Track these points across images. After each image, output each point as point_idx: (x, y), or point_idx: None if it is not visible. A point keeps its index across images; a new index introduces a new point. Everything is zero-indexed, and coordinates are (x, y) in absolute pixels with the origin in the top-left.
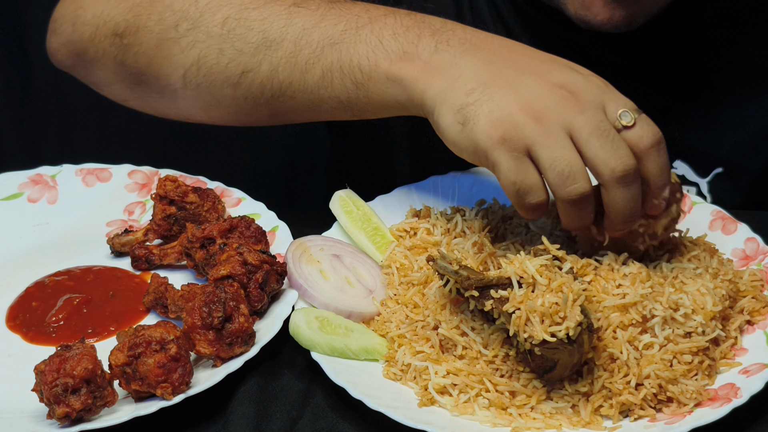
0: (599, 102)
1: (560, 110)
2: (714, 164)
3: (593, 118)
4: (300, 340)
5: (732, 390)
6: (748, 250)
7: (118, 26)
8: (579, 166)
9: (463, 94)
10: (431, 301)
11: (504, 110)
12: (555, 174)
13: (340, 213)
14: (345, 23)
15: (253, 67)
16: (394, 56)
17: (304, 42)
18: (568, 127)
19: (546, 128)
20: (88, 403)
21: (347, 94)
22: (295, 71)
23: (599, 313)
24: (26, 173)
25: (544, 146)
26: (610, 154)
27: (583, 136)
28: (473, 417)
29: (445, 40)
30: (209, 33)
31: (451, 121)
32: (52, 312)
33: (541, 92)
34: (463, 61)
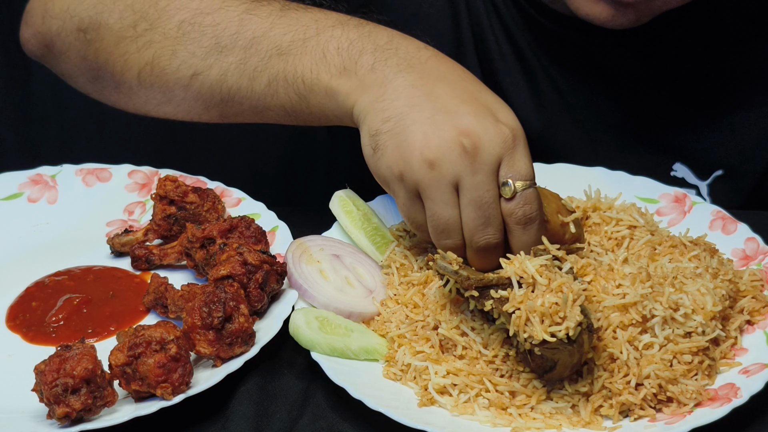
0: (496, 161)
1: (454, 165)
2: (714, 167)
3: (479, 186)
4: (300, 340)
5: (732, 390)
6: (748, 250)
7: (83, 22)
8: (453, 224)
9: (380, 120)
10: (431, 301)
11: (408, 148)
12: (432, 226)
13: (340, 213)
14: (293, 33)
15: (203, 71)
16: (334, 71)
17: (253, 50)
18: (455, 181)
19: (436, 178)
20: (88, 403)
21: (291, 103)
22: (243, 78)
23: (599, 313)
24: (26, 173)
25: (428, 197)
26: (479, 228)
27: (464, 199)
28: (473, 417)
29: (384, 59)
30: (165, 35)
31: (367, 143)
32: (52, 312)
33: (444, 138)
34: (391, 84)
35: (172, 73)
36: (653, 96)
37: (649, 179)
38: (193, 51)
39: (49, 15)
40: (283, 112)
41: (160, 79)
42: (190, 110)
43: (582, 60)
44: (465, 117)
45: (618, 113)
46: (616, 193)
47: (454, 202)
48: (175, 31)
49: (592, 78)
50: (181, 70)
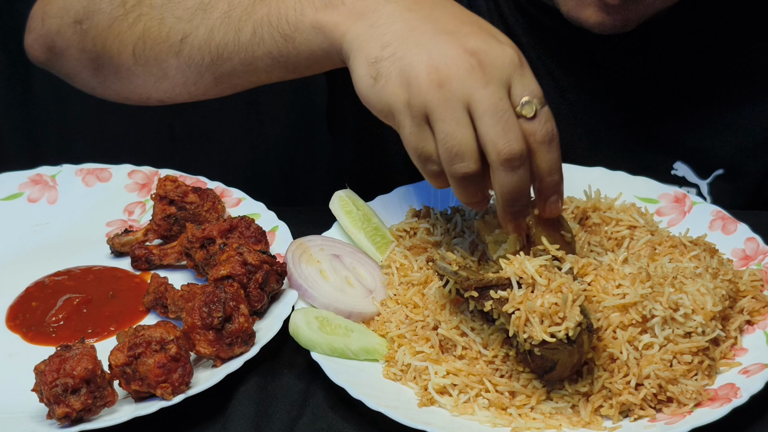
0: (506, 78)
1: (464, 80)
2: (715, 166)
3: (493, 95)
4: (300, 340)
5: (732, 390)
6: (748, 250)
7: (78, 13)
8: (469, 145)
9: (378, 46)
10: (431, 301)
11: (413, 71)
12: (444, 149)
13: (340, 213)
14: None
15: (191, 31)
16: (319, 4)
17: (236, 1)
18: (467, 99)
19: (446, 97)
20: (88, 403)
21: (277, 48)
22: (230, 31)
23: (599, 313)
24: (26, 173)
25: (439, 118)
26: (499, 135)
27: (478, 112)
28: (473, 417)
29: None
30: (152, 5)
31: (364, 72)
32: (52, 312)
33: (450, 56)
34: (386, 9)
35: (163, 41)
36: (654, 95)
37: (649, 179)
38: (179, 15)
39: (48, 16)
40: (270, 59)
41: (153, 50)
42: (186, 81)
43: (583, 59)
44: (468, 36)
45: (619, 112)
46: (616, 193)
47: (467, 122)
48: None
49: (593, 77)
50: (170, 36)
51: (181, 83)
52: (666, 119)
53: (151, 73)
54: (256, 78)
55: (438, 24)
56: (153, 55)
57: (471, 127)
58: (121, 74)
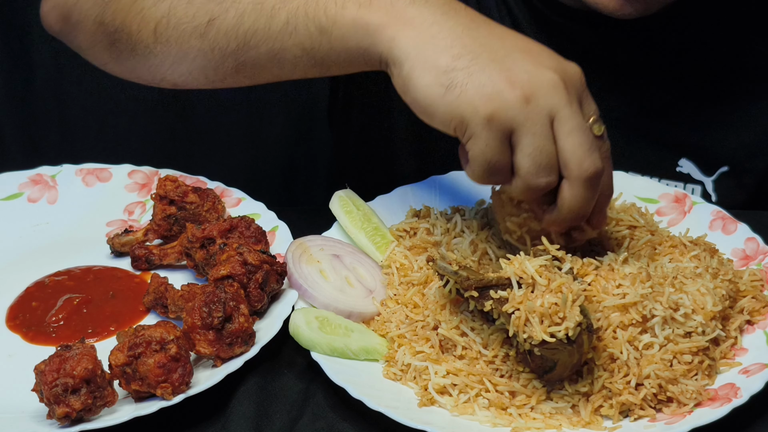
0: (580, 96)
1: (550, 96)
2: (719, 163)
3: (578, 114)
4: (300, 340)
5: (732, 390)
6: (748, 250)
7: None
8: (555, 159)
9: (449, 56)
10: (431, 301)
11: (496, 86)
12: (532, 162)
13: (340, 213)
14: None
15: (219, 14)
16: (363, 1)
17: None
18: (553, 116)
19: (533, 113)
20: (88, 403)
21: (311, 40)
22: (261, 17)
23: (599, 313)
24: (26, 173)
25: (528, 132)
26: (586, 153)
27: (566, 128)
28: (473, 417)
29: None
30: None
31: (431, 81)
32: (52, 312)
33: (531, 72)
34: (442, 22)
35: (189, 22)
36: (659, 91)
37: (650, 179)
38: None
39: None
40: (300, 51)
41: (176, 30)
42: (206, 64)
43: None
44: (542, 54)
45: (624, 108)
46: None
47: (552, 136)
48: None
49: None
50: (197, 17)
51: (200, 67)
52: (671, 116)
53: (169, 54)
54: (280, 70)
55: (506, 42)
56: (176, 36)
57: (554, 141)
58: (137, 52)
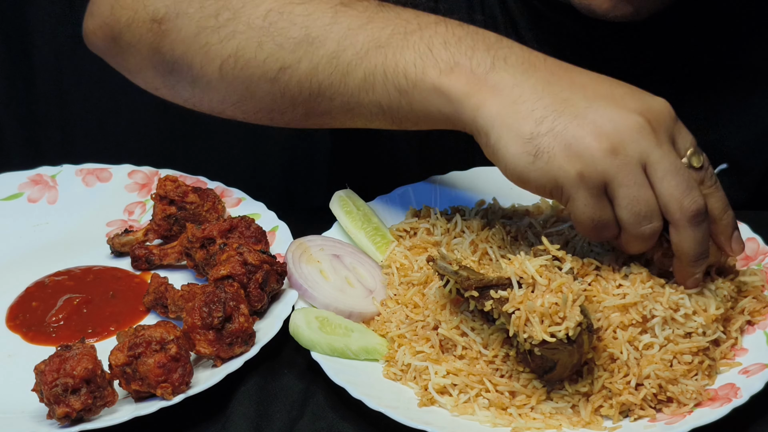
0: (671, 133)
1: (638, 142)
2: (719, 160)
3: (669, 154)
4: (300, 340)
5: (732, 390)
6: (748, 250)
7: (158, 11)
8: (654, 205)
9: (532, 122)
10: (431, 301)
11: (581, 143)
12: (631, 214)
13: (340, 213)
14: (393, 27)
15: (292, 64)
16: (444, 66)
17: (348, 42)
18: (644, 161)
19: (623, 163)
20: (88, 403)
21: (389, 100)
22: (336, 72)
23: (599, 313)
24: (26, 173)
25: (622, 184)
26: (684, 194)
27: (659, 173)
28: (473, 417)
29: (502, 57)
30: (250, 25)
31: (519, 151)
32: (52, 312)
33: (616, 120)
34: (522, 83)
35: (258, 67)
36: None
37: None
38: (281, 42)
39: (119, 5)
40: (378, 109)
41: (244, 72)
42: (273, 107)
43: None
44: (625, 97)
45: None
46: None
47: (647, 182)
48: (261, 21)
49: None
50: (267, 63)
51: (267, 109)
52: None
53: (235, 92)
54: (353, 122)
55: (588, 91)
56: (244, 77)
57: (651, 187)
58: (198, 85)
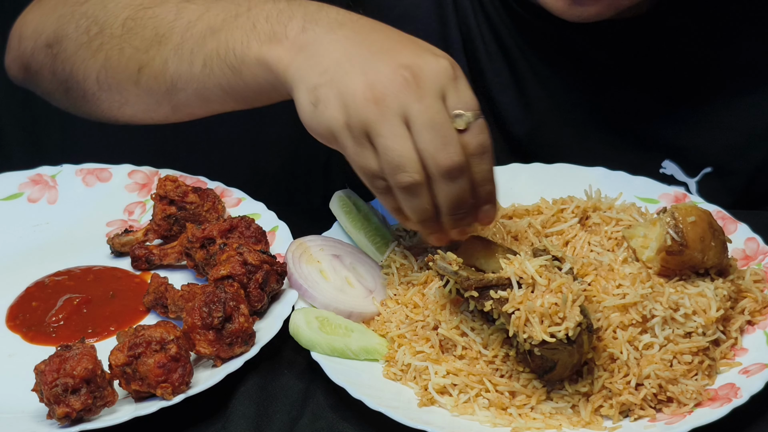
0: (441, 90)
1: (399, 95)
2: (703, 164)
3: (429, 109)
4: (300, 340)
5: (732, 390)
6: (748, 250)
7: (49, 37)
8: (409, 156)
9: (317, 74)
10: (431, 301)
11: (349, 92)
12: (386, 163)
13: (340, 213)
14: (226, 13)
15: (147, 62)
16: (264, 38)
17: (188, 34)
18: (404, 113)
19: (383, 113)
20: (88, 403)
21: (227, 80)
22: (183, 62)
23: (599, 313)
24: (26, 173)
25: (378, 134)
26: (438, 148)
27: (416, 126)
28: (473, 417)
29: (314, 20)
30: (112, 34)
31: (305, 100)
32: (52, 312)
33: (385, 74)
34: (325, 40)
35: (122, 71)
36: (641, 93)
37: (649, 179)
38: (137, 45)
39: (23, 37)
40: (221, 91)
41: (114, 78)
42: (146, 108)
43: (569, 58)
44: (402, 52)
45: (606, 111)
46: (615, 193)
47: (406, 134)
48: (121, 30)
49: (579, 76)
50: (129, 66)
51: (142, 110)
52: (654, 117)
53: (114, 99)
54: (211, 108)
55: (373, 46)
56: (115, 83)
57: (410, 139)
58: (87, 98)
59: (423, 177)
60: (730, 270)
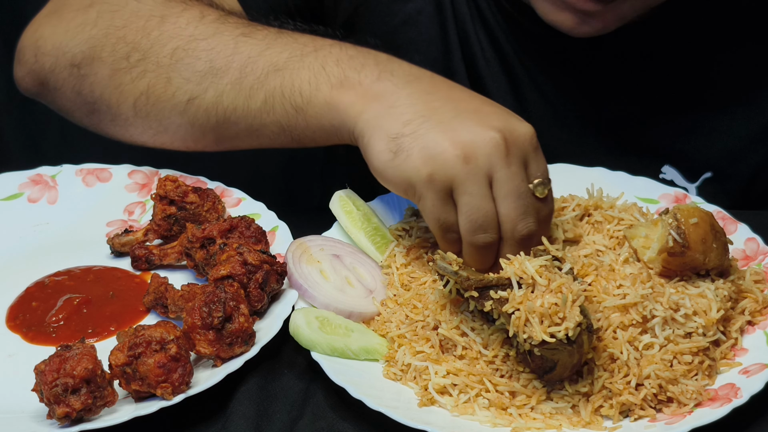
0: (525, 157)
1: (489, 156)
2: (703, 169)
3: (516, 176)
4: (300, 340)
5: (732, 390)
6: (748, 250)
7: (75, 57)
8: (492, 218)
9: (399, 124)
10: (431, 301)
11: (438, 147)
12: (468, 221)
13: (340, 213)
14: (290, 51)
15: (199, 94)
16: (335, 81)
17: (249, 69)
18: (491, 176)
19: (472, 172)
20: (88, 403)
21: (287, 118)
22: (240, 97)
23: (599, 313)
24: (26, 173)
25: (465, 192)
26: (520, 217)
27: (502, 192)
28: (473, 417)
29: (389, 70)
30: (158, 63)
31: (383, 148)
32: (52, 312)
33: (474, 133)
34: (403, 91)
35: (168, 100)
36: (641, 98)
37: (650, 179)
38: (188, 77)
39: (41, 52)
40: (278, 128)
41: (155, 107)
42: (186, 137)
43: (567, 64)
44: (490, 115)
45: (605, 116)
46: (616, 192)
47: (490, 195)
48: (169, 59)
49: (577, 81)
50: (176, 96)
51: (181, 139)
52: (653, 123)
53: (150, 127)
54: (259, 143)
55: (459, 105)
56: (155, 111)
57: (492, 200)
58: (117, 122)
59: (498, 238)
60: (731, 270)
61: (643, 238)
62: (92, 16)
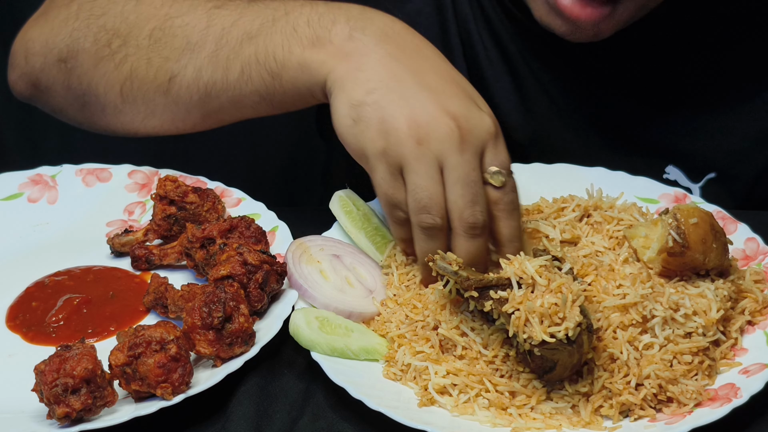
0: (481, 146)
1: (442, 142)
2: (707, 169)
3: (467, 164)
4: (300, 340)
5: (732, 390)
6: (748, 250)
7: (62, 52)
8: (437, 200)
9: (363, 91)
10: (431, 301)
11: (394, 122)
12: (413, 200)
13: (340, 213)
14: (262, 18)
15: (179, 72)
16: (306, 42)
17: (223, 41)
18: (442, 160)
19: (423, 154)
20: (88, 403)
21: (265, 86)
22: (218, 70)
23: (599, 313)
24: (26, 173)
25: (413, 171)
26: (467, 204)
27: (451, 178)
28: (473, 417)
29: (360, 27)
30: (138, 46)
31: (345, 113)
32: (52, 312)
33: (432, 115)
34: (372, 55)
35: (151, 81)
36: (644, 98)
37: (650, 179)
38: (167, 55)
39: (30, 54)
40: (258, 97)
41: (140, 90)
42: (174, 117)
43: (571, 63)
44: (452, 98)
45: (609, 116)
46: (616, 192)
47: (439, 179)
48: (147, 41)
49: (581, 81)
50: (158, 76)
51: (169, 120)
52: (657, 123)
53: (138, 111)
54: (242, 114)
55: (422, 78)
56: (141, 95)
57: (441, 184)
58: (107, 111)
59: (444, 224)
60: (731, 270)
61: (643, 238)
62: (74, 10)
